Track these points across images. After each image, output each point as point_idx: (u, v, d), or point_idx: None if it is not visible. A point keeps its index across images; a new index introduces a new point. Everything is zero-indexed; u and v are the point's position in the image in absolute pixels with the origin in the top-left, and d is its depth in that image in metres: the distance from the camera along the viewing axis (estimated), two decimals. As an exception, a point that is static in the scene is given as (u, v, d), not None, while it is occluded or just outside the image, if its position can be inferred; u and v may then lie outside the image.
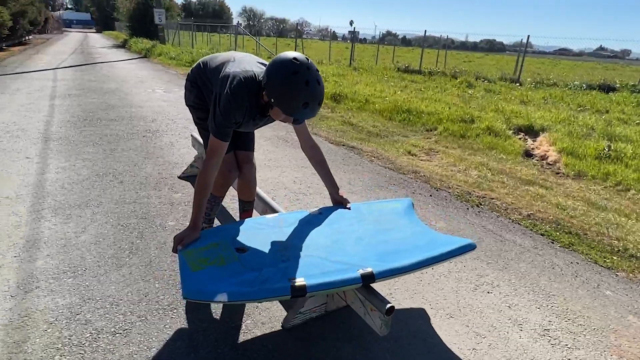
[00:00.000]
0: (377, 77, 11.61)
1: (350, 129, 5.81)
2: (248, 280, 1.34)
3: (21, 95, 6.38)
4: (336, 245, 1.57)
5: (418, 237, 1.67)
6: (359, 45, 33.75)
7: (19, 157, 3.48)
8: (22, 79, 8.23)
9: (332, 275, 1.38)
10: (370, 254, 1.52)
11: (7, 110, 5.23)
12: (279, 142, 4.52)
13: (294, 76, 1.36)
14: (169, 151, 3.88)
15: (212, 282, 1.31)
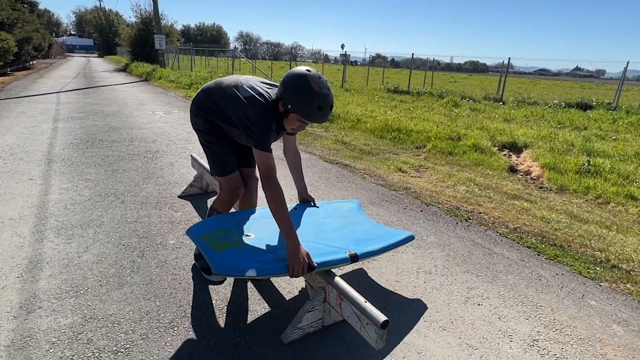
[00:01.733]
0: (368, 98, 11.79)
1: (343, 147, 5.86)
2: (269, 259, 1.60)
3: (25, 118, 6.38)
4: (321, 234, 1.89)
5: (376, 229, 2.06)
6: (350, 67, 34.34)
7: (22, 178, 3.46)
8: (26, 102, 8.23)
9: (328, 255, 1.69)
10: (347, 241, 1.86)
11: (11, 133, 5.22)
12: (277, 162, 4.54)
13: (308, 84, 1.53)
14: (169, 171, 3.89)
15: (239, 260, 1.56)
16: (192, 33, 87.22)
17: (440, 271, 2.29)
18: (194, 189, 3.24)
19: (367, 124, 7.41)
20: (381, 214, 3.12)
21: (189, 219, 2.78)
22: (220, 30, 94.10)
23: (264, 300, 1.94)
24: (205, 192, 3.27)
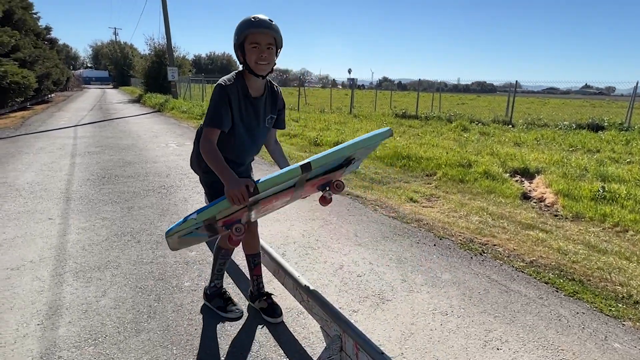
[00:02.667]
0: (376, 124, 11.93)
1: (354, 176, 5.90)
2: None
3: (44, 154, 6.61)
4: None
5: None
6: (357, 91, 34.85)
7: (42, 218, 3.57)
8: (45, 137, 8.54)
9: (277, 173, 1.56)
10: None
11: (31, 170, 5.40)
12: (286, 193, 4.60)
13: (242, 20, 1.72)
14: (183, 207, 3.97)
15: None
16: (203, 62, 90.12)
17: (456, 312, 2.27)
18: (208, 227, 3.28)
19: (376, 151, 7.47)
20: (394, 249, 3.12)
21: (203, 258, 2.81)
22: (230, 58, 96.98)
23: (279, 347, 1.94)
24: (219, 229, 3.32)
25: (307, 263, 2.80)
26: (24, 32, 16.93)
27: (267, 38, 1.68)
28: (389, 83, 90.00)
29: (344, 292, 2.45)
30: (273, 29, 1.68)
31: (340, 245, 3.12)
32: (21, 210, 3.77)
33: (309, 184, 1.83)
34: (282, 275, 2.19)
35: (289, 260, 2.83)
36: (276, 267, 2.24)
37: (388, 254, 3.01)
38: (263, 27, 1.66)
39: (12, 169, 5.46)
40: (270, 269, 2.32)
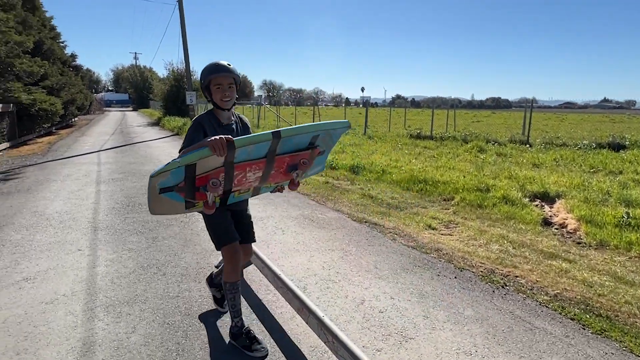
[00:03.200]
0: (391, 145, 11.99)
1: (370, 202, 5.95)
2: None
3: (70, 181, 6.88)
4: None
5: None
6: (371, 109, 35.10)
7: (72, 249, 3.72)
8: (70, 163, 8.89)
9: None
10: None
11: (59, 199, 5.63)
12: (305, 222, 4.67)
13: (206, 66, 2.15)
14: (204, 237, 4.07)
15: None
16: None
17: (480, 351, 2.26)
18: (230, 259, 3.37)
19: (392, 175, 7.52)
20: (415, 282, 3.13)
21: (227, 293, 2.88)
22: (245, 79, 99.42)
23: (305, 388, 1.97)
24: (241, 261, 3.39)
25: (328, 298, 2.84)
26: (52, 61, 17.83)
27: (227, 80, 2.11)
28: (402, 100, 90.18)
29: (367, 329, 2.47)
30: (232, 72, 2.11)
31: (360, 278, 3.15)
32: (52, 241, 3.94)
33: (279, 163, 2.10)
34: (305, 314, 2.23)
35: (311, 294, 2.88)
36: (300, 305, 2.28)
37: (409, 287, 3.02)
38: (223, 71, 2.08)
39: (42, 197, 5.71)
40: (294, 306, 2.37)
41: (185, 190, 1.95)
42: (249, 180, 2.10)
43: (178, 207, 2.08)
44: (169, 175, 1.86)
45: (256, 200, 5.68)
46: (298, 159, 2.15)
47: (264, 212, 5.04)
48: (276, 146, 1.99)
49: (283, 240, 4.02)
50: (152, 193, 1.92)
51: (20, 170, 8.02)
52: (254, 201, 5.58)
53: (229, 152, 1.82)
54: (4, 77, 12.32)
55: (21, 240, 3.97)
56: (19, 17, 14.88)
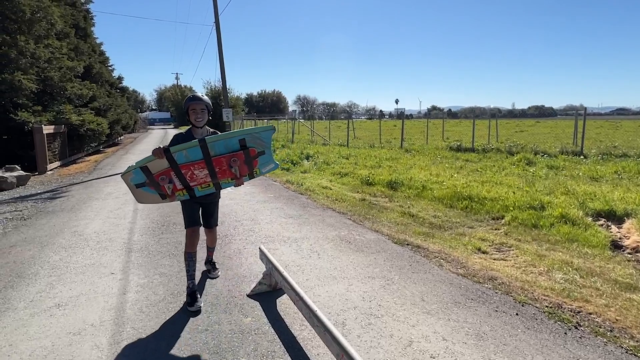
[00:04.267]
0: (430, 159, 11.49)
1: (411, 221, 5.57)
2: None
3: (111, 200, 7.04)
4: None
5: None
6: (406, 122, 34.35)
7: (105, 272, 3.66)
8: (112, 181, 9.18)
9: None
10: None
11: (99, 218, 5.72)
12: (342, 244, 4.39)
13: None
14: (237, 261, 3.89)
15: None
16: (255, 100, 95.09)
17: (560, 416, 1.86)
18: (263, 287, 3.15)
19: (433, 191, 7.09)
20: (470, 319, 2.75)
21: (258, 327, 2.65)
22: (280, 95, 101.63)
23: None
24: (274, 289, 3.16)
25: (371, 337, 2.53)
26: (100, 84, 18.96)
27: (200, 106, 2.99)
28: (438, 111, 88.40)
29: (417, 378, 2.13)
30: (203, 102, 3.01)
31: (406, 313, 2.82)
32: (87, 263, 3.91)
33: (218, 162, 2.86)
34: (346, 362, 1.94)
35: (351, 332, 2.58)
36: (339, 351, 2.00)
37: (463, 326, 2.65)
38: (196, 101, 2.99)
39: (83, 217, 5.82)
40: (333, 351, 2.08)
41: (152, 185, 2.89)
42: (199, 176, 2.91)
43: (155, 198, 3.02)
44: (132, 174, 2.87)
45: (290, 219, 5.47)
46: (233, 159, 2.88)
47: (298, 233, 4.82)
48: (207, 150, 2.81)
49: (319, 265, 3.76)
50: (131, 187, 2.93)
51: (66, 189, 8.36)
52: (288, 220, 5.39)
53: (166, 155, 2.77)
54: (57, 100, 13.16)
55: (59, 262, 3.97)
56: (72, 44, 15.98)
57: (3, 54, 10.85)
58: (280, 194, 7.27)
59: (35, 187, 8.79)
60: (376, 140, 19.16)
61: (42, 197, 7.54)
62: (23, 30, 11.70)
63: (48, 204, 6.87)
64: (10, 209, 6.50)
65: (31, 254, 4.23)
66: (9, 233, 5.10)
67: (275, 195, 7.15)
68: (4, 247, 4.48)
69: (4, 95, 10.73)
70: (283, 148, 14.28)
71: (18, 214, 6.13)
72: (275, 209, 6.12)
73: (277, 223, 5.29)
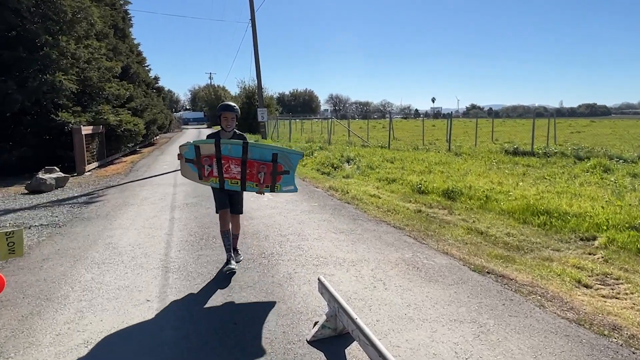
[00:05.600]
0: (485, 163, 10.59)
1: (481, 239, 4.86)
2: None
3: (147, 206, 6.77)
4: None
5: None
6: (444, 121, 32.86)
7: (140, 299, 3.24)
8: (149, 185, 9.00)
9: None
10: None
11: (134, 228, 5.41)
12: (409, 270, 3.77)
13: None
14: (289, 290, 3.37)
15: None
16: (286, 99, 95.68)
17: None
18: (327, 331, 2.60)
19: (500, 202, 6.30)
20: (611, 395, 2.06)
21: (328, 392, 2.10)
22: (312, 94, 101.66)
23: None
24: (341, 334, 2.60)
25: (483, 420, 1.90)
26: (137, 84, 19.27)
27: (231, 115, 3.68)
28: (477, 110, 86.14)
29: None
30: (234, 111, 3.71)
31: (521, 382, 2.17)
32: (121, 285, 3.53)
33: (250, 165, 3.50)
34: None
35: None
36: None
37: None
38: (228, 110, 3.67)
39: (118, 225, 5.54)
40: None
41: (197, 164, 3.56)
42: (233, 171, 3.54)
43: (194, 175, 3.66)
44: (187, 149, 3.56)
45: (342, 234, 4.91)
46: (262, 166, 3.49)
47: (354, 253, 4.24)
48: (246, 152, 3.47)
49: (387, 299, 3.16)
50: (181, 160, 3.62)
51: (102, 192, 8.23)
52: (339, 236, 4.82)
53: (216, 143, 3.48)
54: (95, 101, 13.33)
55: (90, 282, 3.62)
56: (111, 44, 16.26)
57: (45, 54, 11.01)
58: (325, 203, 6.73)
59: (73, 189, 8.75)
60: (417, 141, 18.27)
61: (78, 201, 7.41)
62: (64, 31, 11.88)
63: (84, 209, 6.69)
64: (47, 214, 6.36)
65: (62, 270, 3.92)
66: (43, 243, 4.86)
67: (320, 205, 6.61)
68: (37, 261, 4.20)
69: (46, 96, 10.89)
70: (321, 150, 13.77)
71: (54, 220, 5.95)
72: (323, 221, 5.58)
73: (328, 239, 4.74)
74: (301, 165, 11.35)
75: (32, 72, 10.73)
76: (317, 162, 11.19)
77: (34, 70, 10.78)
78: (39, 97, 10.75)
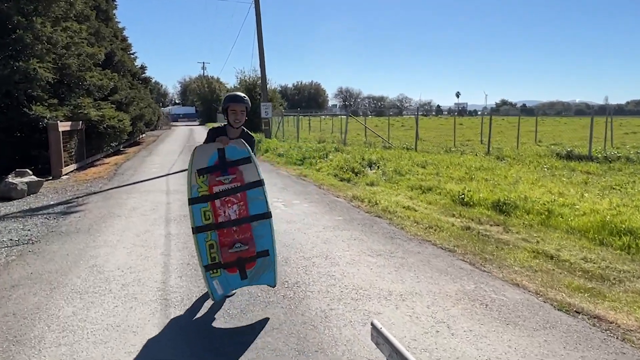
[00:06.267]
0: (535, 169, 10.17)
1: (553, 266, 4.46)
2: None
3: (136, 217, 6.43)
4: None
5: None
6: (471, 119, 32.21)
7: (135, 344, 2.88)
8: (136, 192, 8.69)
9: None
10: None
11: (122, 246, 5.06)
12: (475, 308, 3.37)
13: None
14: (327, 334, 2.98)
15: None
16: (289, 92, 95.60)
17: None
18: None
19: (567, 218, 5.89)
20: None
21: None
22: (319, 87, 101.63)
23: None
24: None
25: None
26: (122, 73, 19.09)
27: (240, 107, 3.42)
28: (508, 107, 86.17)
29: None
30: (244, 103, 3.42)
31: None
32: (110, 323, 3.17)
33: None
34: None
35: None
36: None
37: None
38: (237, 102, 3.41)
39: (103, 242, 5.20)
40: None
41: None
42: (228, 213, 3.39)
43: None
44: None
45: (379, 257, 4.53)
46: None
47: (400, 283, 3.85)
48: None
49: (458, 349, 2.76)
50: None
51: (83, 200, 7.92)
52: (377, 260, 4.44)
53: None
54: (74, 92, 13.09)
55: (72, 318, 3.26)
56: (93, 28, 16.08)
57: (18, 38, 10.79)
58: (352, 217, 6.35)
59: (48, 195, 8.46)
60: (447, 142, 17.90)
61: (54, 210, 7.10)
62: (39, 12, 11.67)
63: (61, 221, 6.37)
64: (17, 227, 6.05)
65: (36, 302, 3.57)
66: (13, 264, 4.52)
67: (345, 219, 6.23)
68: (4, 289, 3.86)
69: (17, 87, 10.65)
70: (337, 152, 13.40)
71: (25, 235, 5.62)
72: (353, 240, 5.20)
73: (363, 264, 4.36)
74: (315, 170, 11.01)
75: (2, 58, 10.50)
76: (333, 166, 10.83)
77: (5, 57, 10.55)
78: (9, 87, 10.51)
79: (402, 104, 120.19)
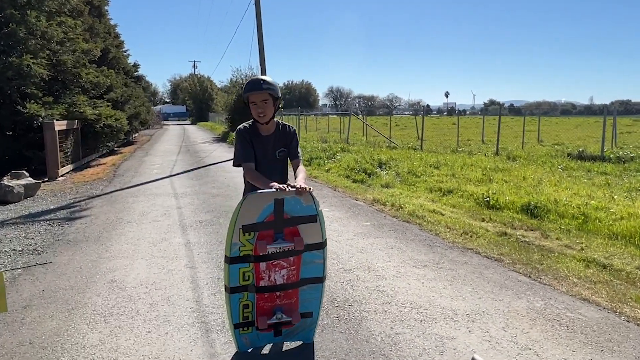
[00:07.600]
0: (550, 170, 9.90)
1: (609, 276, 4.13)
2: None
3: (148, 224, 5.95)
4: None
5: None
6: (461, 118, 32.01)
7: (182, 380, 2.44)
8: (142, 195, 8.18)
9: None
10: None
11: (140, 256, 4.60)
12: (556, 330, 3.00)
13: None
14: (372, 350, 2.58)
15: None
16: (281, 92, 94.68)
17: None
18: None
19: (606, 223, 5.58)
20: None
21: None
22: (309, 87, 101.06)
23: None
24: None
25: None
26: (117, 71, 18.41)
27: (261, 96, 2.63)
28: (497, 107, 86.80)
29: None
30: (264, 89, 2.61)
31: None
32: (145, 354, 2.71)
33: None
34: None
35: None
36: None
37: None
38: (255, 90, 2.62)
39: (118, 253, 4.72)
40: None
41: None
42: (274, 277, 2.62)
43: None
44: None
45: (426, 269, 4.14)
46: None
47: (461, 300, 3.47)
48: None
49: (559, 384, 2.38)
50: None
51: (86, 204, 7.39)
52: (425, 272, 4.05)
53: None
54: (69, 90, 12.46)
55: (99, 348, 2.80)
56: (86, 24, 15.41)
57: (11, 32, 10.17)
58: (379, 222, 5.96)
59: (46, 198, 7.91)
60: (447, 142, 17.63)
61: (57, 215, 6.57)
62: (33, 5, 11.04)
63: (67, 227, 5.86)
64: (19, 235, 5.52)
65: (55, 327, 3.10)
66: (20, 279, 4.03)
67: (374, 224, 5.84)
68: (16, 310, 3.37)
69: (10, 84, 10.03)
70: (343, 152, 13.01)
71: (30, 244, 5.12)
72: (390, 248, 4.80)
73: (412, 277, 3.97)
74: (325, 171, 10.60)
75: (-5, 54, 9.89)
76: (343, 167, 10.42)
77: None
78: (1, 84, 9.90)
79: (392, 103, 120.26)
